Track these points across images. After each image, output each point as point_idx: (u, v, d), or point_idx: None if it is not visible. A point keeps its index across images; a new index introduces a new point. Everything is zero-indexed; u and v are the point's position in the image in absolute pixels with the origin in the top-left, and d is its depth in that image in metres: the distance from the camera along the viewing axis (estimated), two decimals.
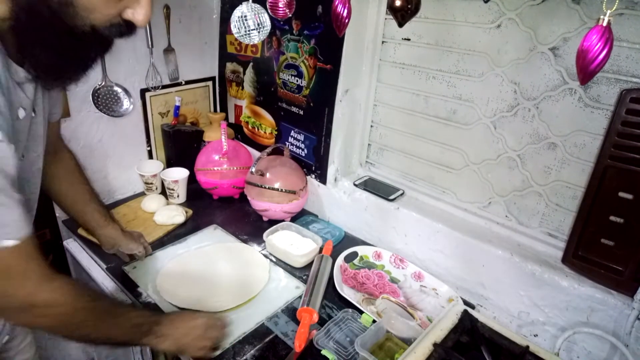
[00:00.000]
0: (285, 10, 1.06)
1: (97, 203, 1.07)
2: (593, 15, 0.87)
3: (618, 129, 0.84)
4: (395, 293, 1.13)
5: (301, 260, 1.19)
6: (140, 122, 1.50)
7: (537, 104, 1.00)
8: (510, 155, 1.08)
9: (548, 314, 1.01)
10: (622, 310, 0.89)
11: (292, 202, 1.35)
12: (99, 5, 0.58)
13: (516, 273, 1.04)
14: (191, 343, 0.82)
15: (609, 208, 0.88)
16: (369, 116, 1.37)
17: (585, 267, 0.94)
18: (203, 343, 0.84)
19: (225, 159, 1.45)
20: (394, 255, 1.24)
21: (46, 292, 0.65)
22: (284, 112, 1.48)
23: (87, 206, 1.05)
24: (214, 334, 0.87)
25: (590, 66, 0.60)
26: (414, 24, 1.11)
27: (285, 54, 1.39)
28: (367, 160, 1.45)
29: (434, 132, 1.22)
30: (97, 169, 1.41)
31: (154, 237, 1.27)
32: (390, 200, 1.27)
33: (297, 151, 1.48)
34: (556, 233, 1.06)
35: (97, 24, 0.60)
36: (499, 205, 1.15)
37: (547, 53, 0.95)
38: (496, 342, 0.83)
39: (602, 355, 0.94)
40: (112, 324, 0.74)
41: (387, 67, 1.28)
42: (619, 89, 0.88)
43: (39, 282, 0.65)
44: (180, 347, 0.82)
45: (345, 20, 0.90)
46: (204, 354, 0.85)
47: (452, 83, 1.14)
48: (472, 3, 1.04)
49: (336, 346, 0.93)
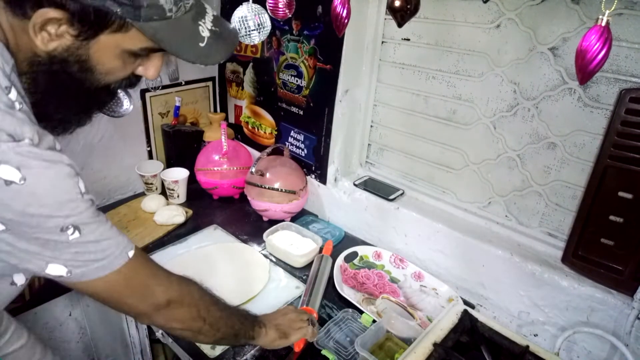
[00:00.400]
0: (285, 11, 1.06)
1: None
2: (592, 15, 0.87)
3: (617, 129, 0.84)
4: (395, 293, 1.13)
5: (301, 260, 1.19)
6: (140, 122, 1.50)
7: (537, 104, 1.00)
8: (510, 155, 1.08)
9: (548, 313, 1.01)
10: (622, 309, 0.89)
11: (292, 202, 1.35)
12: (117, 69, 0.60)
13: (516, 273, 1.04)
14: (291, 326, 0.89)
15: (609, 208, 0.88)
16: (369, 116, 1.37)
17: (585, 266, 0.94)
18: (300, 324, 0.89)
19: (225, 159, 1.45)
20: (394, 255, 1.24)
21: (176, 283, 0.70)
22: (284, 112, 1.48)
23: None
24: (305, 316, 0.92)
25: (589, 66, 0.60)
26: (413, 24, 1.11)
27: (285, 54, 1.39)
28: (367, 160, 1.45)
29: (434, 132, 1.22)
30: (97, 169, 1.42)
31: (154, 237, 1.27)
32: (390, 200, 1.27)
33: (297, 151, 1.48)
34: (556, 233, 1.06)
35: (111, 82, 0.63)
36: (498, 205, 1.15)
37: (547, 53, 0.95)
38: (496, 342, 0.83)
39: (602, 354, 0.94)
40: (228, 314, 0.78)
41: (387, 67, 1.28)
42: (618, 88, 0.88)
43: (168, 275, 0.69)
44: (283, 333, 0.87)
45: (345, 20, 0.90)
46: (304, 333, 0.89)
47: (452, 83, 1.14)
48: (471, 3, 1.04)
49: (336, 346, 0.93)
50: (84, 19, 0.52)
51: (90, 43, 0.55)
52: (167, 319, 0.70)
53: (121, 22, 0.53)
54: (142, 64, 0.64)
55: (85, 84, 0.60)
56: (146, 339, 1.19)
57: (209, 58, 0.61)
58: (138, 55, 0.61)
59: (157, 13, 0.54)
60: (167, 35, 0.56)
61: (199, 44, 0.59)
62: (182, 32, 0.57)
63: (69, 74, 0.57)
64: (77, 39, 0.54)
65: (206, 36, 0.60)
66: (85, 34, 0.53)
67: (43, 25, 0.52)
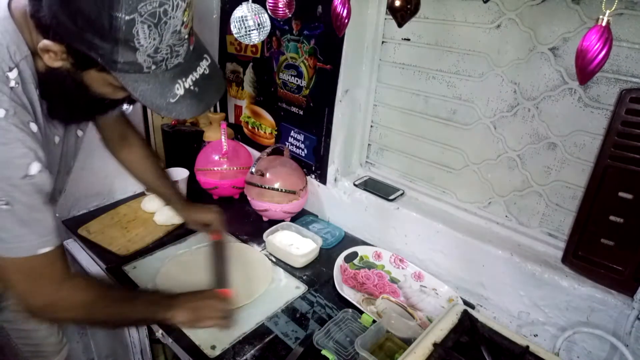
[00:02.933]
0: (285, 11, 1.06)
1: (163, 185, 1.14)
2: (593, 15, 0.87)
3: (618, 129, 0.84)
4: (395, 293, 1.13)
5: (301, 260, 1.19)
6: (140, 122, 1.50)
7: (537, 104, 1.00)
8: (510, 155, 1.08)
9: (548, 314, 1.01)
10: (622, 310, 0.89)
11: (292, 202, 1.35)
12: (108, 94, 0.69)
13: (516, 273, 1.04)
14: (206, 313, 0.89)
15: (609, 208, 0.88)
16: (369, 116, 1.37)
17: (585, 267, 0.94)
18: (216, 314, 0.90)
19: (225, 159, 1.45)
20: (394, 255, 1.24)
21: (66, 289, 0.74)
22: (284, 112, 1.48)
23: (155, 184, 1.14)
24: (225, 306, 0.92)
25: (590, 66, 0.60)
26: (413, 24, 1.11)
27: (285, 54, 1.39)
28: (367, 160, 1.45)
29: (434, 132, 1.22)
30: (98, 169, 1.41)
31: (154, 237, 1.27)
32: (390, 200, 1.27)
33: (297, 151, 1.48)
34: (556, 233, 1.06)
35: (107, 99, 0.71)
36: (499, 205, 1.15)
37: (547, 53, 0.95)
38: (496, 342, 0.83)
39: (602, 355, 0.94)
40: (129, 305, 0.83)
41: (387, 67, 1.28)
42: (618, 88, 0.88)
43: (61, 282, 0.73)
44: (196, 318, 0.88)
45: (345, 20, 0.90)
46: (216, 323, 0.90)
47: (452, 83, 1.14)
48: (472, 3, 1.04)
49: (336, 346, 0.93)
50: (76, 57, 0.62)
51: (83, 72, 0.64)
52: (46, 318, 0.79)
53: (102, 66, 0.61)
54: None
55: (84, 93, 0.68)
56: (146, 339, 1.19)
57: (173, 113, 0.66)
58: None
59: (133, 68, 0.61)
60: (140, 85, 0.63)
61: (169, 100, 0.65)
62: (155, 86, 0.64)
63: (72, 84, 0.66)
64: (73, 66, 0.63)
65: (179, 94, 0.65)
66: (79, 66, 0.63)
67: (45, 51, 0.62)
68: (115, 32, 0.57)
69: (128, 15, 0.56)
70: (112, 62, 0.60)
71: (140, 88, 0.63)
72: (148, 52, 0.60)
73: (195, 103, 0.67)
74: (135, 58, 0.60)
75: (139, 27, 0.58)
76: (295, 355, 0.91)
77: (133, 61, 0.60)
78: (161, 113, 0.66)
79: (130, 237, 1.26)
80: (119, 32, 0.57)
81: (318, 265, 1.21)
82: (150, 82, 0.63)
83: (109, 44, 0.58)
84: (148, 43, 0.59)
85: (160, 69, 0.63)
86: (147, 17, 0.57)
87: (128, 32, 0.57)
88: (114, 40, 0.58)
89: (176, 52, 0.63)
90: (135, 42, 0.58)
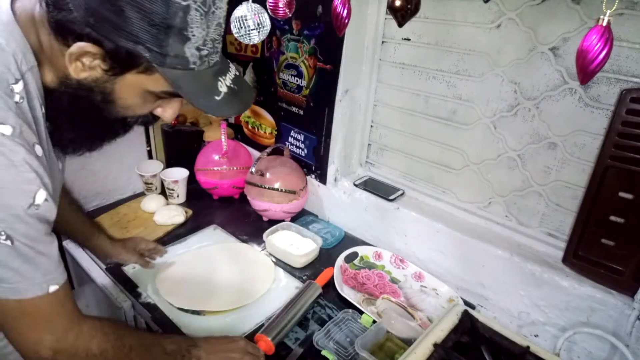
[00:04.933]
0: (285, 10, 1.06)
1: (81, 213, 1.04)
2: (593, 15, 0.87)
3: (618, 129, 0.84)
4: (395, 293, 1.13)
5: (301, 261, 1.19)
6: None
7: (537, 104, 1.00)
8: (510, 155, 1.08)
9: (548, 314, 1.01)
10: (622, 310, 0.89)
11: (292, 202, 1.35)
12: (136, 106, 0.64)
13: (516, 273, 1.04)
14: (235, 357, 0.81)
15: (609, 208, 0.88)
16: (369, 116, 1.37)
17: (586, 267, 0.94)
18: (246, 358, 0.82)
19: (225, 159, 1.45)
20: (394, 256, 1.24)
21: (72, 337, 0.64)
22: (284, 112, 1.47)
23: (70, 217, 1.00)
24: (256, 352, 0.85)
25: (590, 66, 0.60)
26: (414, 24, 1.11)
27: (285, 54, 1.39)
28: (367, 160, 1.44)
29: (434, 132, 1.22)
30: (97, 169, 1.41)
31: (154, 237, 1.27)
32: (390, 200, 1.27)
33: (297, 151, 1.48)
34: (556, 233, 1.06)
35: (128, 117, 0.66)
36: (499, 205, 1.15)
37: (547, 53, 0.95)
38: (496, 343, 0.83)
39: (603, 355, 0.94)
40: (144, 357, 0.73)
41: (387, 67, 1.28)
42: (619, 88, 0.88)
43: (66, 328, 0.64)
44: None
45: (345, 20, 0.90)
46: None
47: (452, 83, 1.14)
48: (472, 3, 1.04)
49: (336, 346, 0.93)
50: (116, 58, 0.56)
51: (117, 79, 0.59)
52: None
53: (147, 65, 0.57)
54: (161, 105, 0.68)
55: (104, 112, 0.63)
56: None
57: (221, 111, 0.64)
58: (158, 97, 0.64)
59: (181, 63, 0.57)
60: (187, 83, 0.59)
61: (215, 97, 0.62)
62: (201, 84, 0.61)
63: (92, 101, 0.61)
64: (106, 73, 0.58)
65: (223, 91, 0.63)
66: (114, 71, 0.57)
67: (79, 57, 0.56)
68: (172, 18, 0.53)
69: (183, 0, 0.53)
70: (160, 57, 0.56)
71: (187, 86, 0.59)
72: (197, 44, 0.57)
73: (237, 101, 0.65)
74: (183, 51, 0.56)
75: (193, 15, 0.54)
76: (295, 356, 0.91)
77: (181, 55, 0.56)
78: (209, 112, 0.64)
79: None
80: (175, 18, 0.53)
81: (318, 265, 1.21)
82: (196, 80, 0.60)
83: (162, 34, 0.54)
84: (199, 33, 0.56)
85: (203, 65, 0.60)
86: (200, 4, 0.54)
87: (183, 20, 0.54)
88: (167, 28, 0.54)
89: (216, 48, 0.61)
90: (188, 30, 0.55)
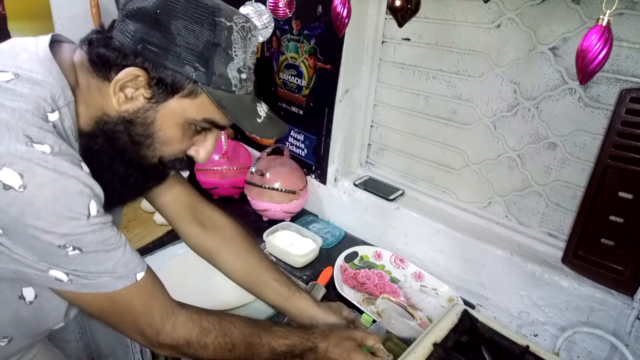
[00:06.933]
0: (285, 10, 1.06)
1: (274, 271, 0.90)
2: (593, 15, 0.87)
3: (618, 129, 0.84)
4: (395, 293, 1.13)
5: (301, 260, 1.19)
6: None
7: (537, 104, 1.00)
8: (510, 155, 1.08)
9: (548, 313, 1.01)
10: (622, 310, 0.89)
11: (292, 202, 1.35)
12: (174, 141, 0.63)
13: (516, 273, 1.04)
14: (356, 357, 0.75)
15: (609, 208, 0.88)
16: (369, 116, 1.37)
17: (585, 267, 0.94)
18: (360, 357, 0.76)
19: (225, 159, 1.45)
20: (394, 255, 1.24)
21: (169, 328, 0.63)
22: (284, 112, 1.47)
23: (262, 275, 0.89)
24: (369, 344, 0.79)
25: (590, 66, 0.60)
26: (414, 24, 1.11)
27: (285, 54, 1.39)
28: (367, 160, 1.45)
29: (434, 132, 1.22)
30: None
31: (154, 237, 1.27)
32: (390, 200, 1.27)
33: (297, 151, 1.48)
34: (556, 233, 1.06)
35: (164, 156, 0.64)
36: (499, 205, 1.15)
37: (547, 53, 0.95)
38: (496, 342, 0.83)
39: (602, 355, 0.94)
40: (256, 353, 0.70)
41: (387, 67, 1.28)
42: (618, 88, 0.88)
43: (162, 319, 0.63)
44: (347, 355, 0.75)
45: (345, 20, 0.90)
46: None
47: (452, 83, 1.14)
48: (472, 3, 1.04)
49: None
50: (161, 82, 0.57)
51: (159, 106, 0.59)
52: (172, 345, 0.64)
53: (193, 87, 0.58)
54: (196, 143, 0.66)
55: (141, 150, 0.62)
56: None
57: (265, 132, 0.64)
58: (197, 131, 0.64)
59: (224, 84, 0.59)
60: (231, 104, 0.60)
61: (257, 119, 0.63)
62: (243, 107, 0.62)
63: (129, 137, 0.60)
64: (149, 102, 0.58)
65: (263, 115, 0.65)
66: (158, 97, 0.58)
67: (123, 86, 0.56)
68: (219, 35, 0.56)
69: (228, 21, 0.56)
70: (206, 76, 0.57)
71: (231, 106, 0.60)
72: (238, 65, 0.59)
73: (275, 125, 0.66)
74: (226, 72, 0.58)
75: (235, 35, 0.57)
76: None
77: (225, 75, 0.58)
78: (254, 132, 0.63)
79: (130, 237, 1.26)
80: (221, 35, 0.56)
81: (318, 265, 1.21)
82: (238, 102, 0.61)
83: (208, 51, 0.56)
84: (240, 54, 0.58)
85: (242, 89, 0.62)
86: (240, 28, 0.57)
87: (228, 38, 0.56)
88: (214, 45, 0.56)
89: (251, 76, 0.63)
90: (232, 49, 0.57)
